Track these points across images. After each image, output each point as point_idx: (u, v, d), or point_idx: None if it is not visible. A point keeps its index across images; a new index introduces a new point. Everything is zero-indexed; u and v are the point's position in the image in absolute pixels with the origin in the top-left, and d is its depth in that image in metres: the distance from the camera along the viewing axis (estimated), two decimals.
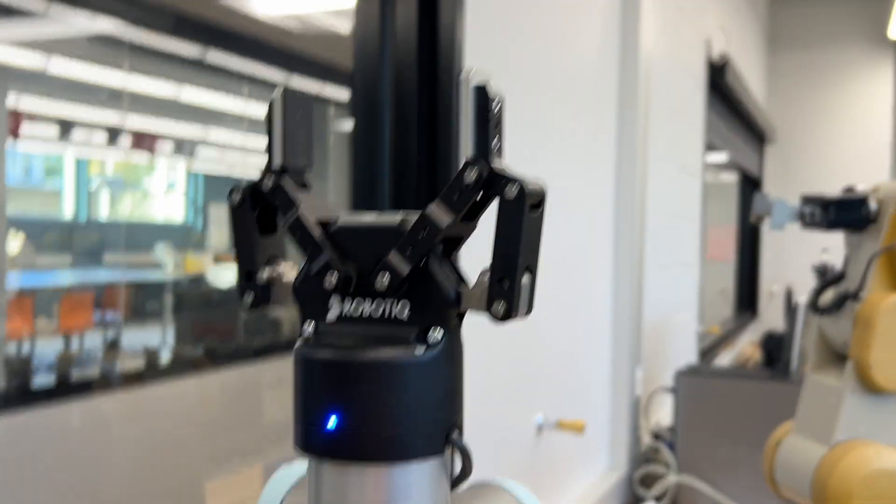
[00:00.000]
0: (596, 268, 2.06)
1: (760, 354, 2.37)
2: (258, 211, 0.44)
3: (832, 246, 2.70)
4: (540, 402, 1.66)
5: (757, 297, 5.55)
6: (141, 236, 5.43)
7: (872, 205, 1.20)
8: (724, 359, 3.90)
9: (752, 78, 4.76)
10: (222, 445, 2.77)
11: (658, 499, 2.10)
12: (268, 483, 0.50)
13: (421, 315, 0.40)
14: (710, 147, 3.79)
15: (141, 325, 4.16)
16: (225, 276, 4.79)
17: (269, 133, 0.43)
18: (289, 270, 0.45)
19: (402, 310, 0.41)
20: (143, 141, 4.10)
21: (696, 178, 3.23)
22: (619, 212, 2.16)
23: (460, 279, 0.42)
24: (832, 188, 1.25)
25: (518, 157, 1.54)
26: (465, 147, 0.39)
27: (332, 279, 0.41)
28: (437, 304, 0.40)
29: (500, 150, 0.40)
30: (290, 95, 0.43)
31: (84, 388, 2.51)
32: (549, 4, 1.76)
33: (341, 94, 4.01)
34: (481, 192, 0.39)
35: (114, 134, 4.28)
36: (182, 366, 3.05)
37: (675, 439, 2.12)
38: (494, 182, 0.39)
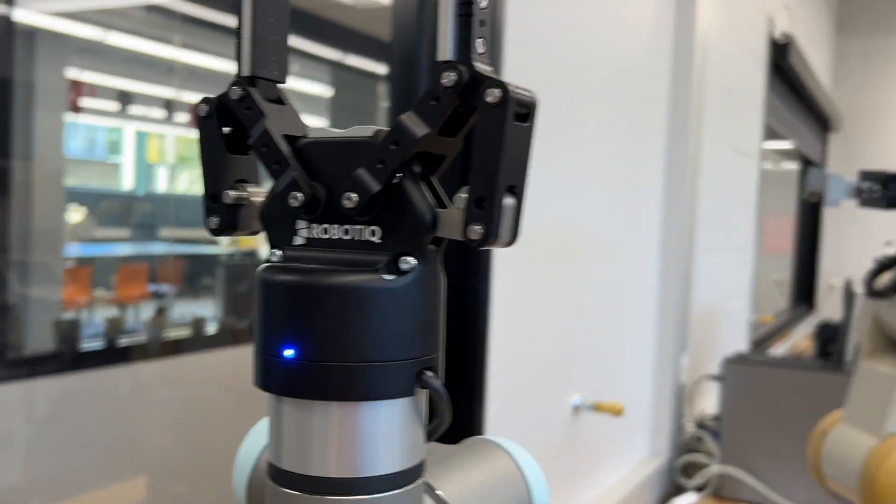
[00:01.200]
0: (643, 248, 2.00)
1: (814, 345, 2.28)
2: (231, 128, 0.40)
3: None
4: (578, 383, 1.62)
5: (815, 289, 5.37)
6: (197, 211, 5.52)
7: None
8: (778, 351, 3.78)
9: (817, 62, 4.58)
10: (261, 410, 2.79)
11: (700, 489, 2.04)
12: (247, 435, 0.47)
13: (393, 240, 0.37)
14: (771, 134, 3.66)
15: (194, 298, 4.23)
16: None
17: (238, 38, 0.39)
18: (258, 194, 0.41)
19: (372, 234, 0.37)
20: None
21: (754, 161, 3.13)
22: (670, 192, 2.09)
23: (439, 202, 0.37)
24: None
25: (564, 135, 1.50)
26: (442, 46, 0.34)
27: (297, 199, 0.37)
28: (411, 227, 0.36)
29: (486, 55, 0.35)
30: None
31: (136, 353, 2.56)
32: None
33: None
34: (460, 102, 0.35)
35: (171, 108, 4.35)
36: (229, 336, 3.09)
37: (720, 428, 2.06)
38: (475, 86, 0.34)
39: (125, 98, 4.55)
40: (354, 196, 0.36)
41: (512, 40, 1.30)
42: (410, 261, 0.36)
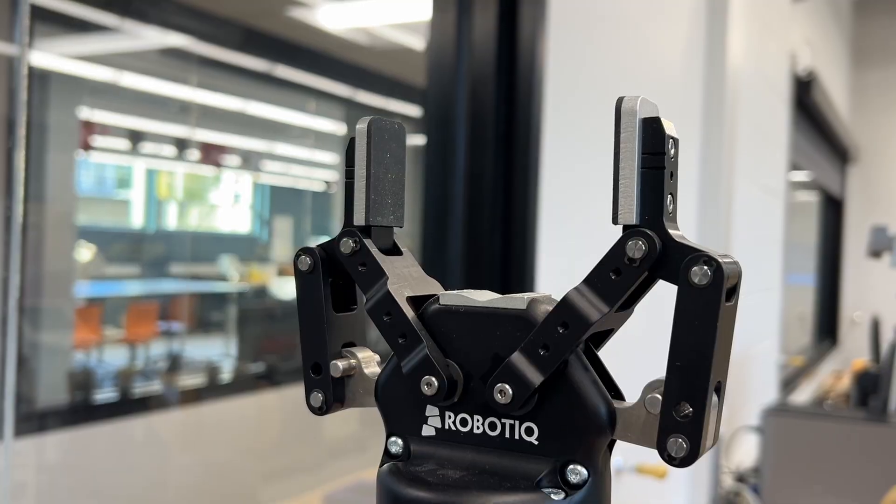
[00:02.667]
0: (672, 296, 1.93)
1: (850, 388, 2.20)
2: (333, 281, 0.34)
3: None
4: (617, 443, 1.54)
5: (837, 324, 5.28)
6: (207, 247, 5.49)
7: None
8: (805, 391, 3.69)
9: (836, 95, 4.54)
10: (280, 462, 2.72)
11: None
12: None
13: (556, 442, 0.29)
14: (793, 166, 3.61)
15: (205, 336, 4.17)
16: (289, 288, 4.79)
17: (349, 178, 0.33)
18: (370, 361, 0.34)
19: (528, 433, 0.30)
20: (211, 153, 4.13)
21: (780, 199, 3.06)
22: (703, 232, 2.03)
23: (613, 392, 0.30)
24: None
25: (596, 178, 1.44)
26: (626, 207, 0.28)
27: (432, 385, 0.30)
28: (581, 428, 0.29)
29: (674, 214, 0.28)
30: (377, 128, 0.32)
31: (145, 403, 2.49)
32: (634, 16, 1.65)
33: (407, 109, 3.98)
34: (648, 274, 0.28)
35: (182, 146, 4.34)
36: (244, 383, 3.02)
37: (761, 482, 1.97)
38: (669, 258, 0.28)
39: (136, 136, 4.55)
40: (509, 389, 0.29)
41: (552, 79, 1.25)
42: (581, 471, 0.29)
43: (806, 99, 3.29)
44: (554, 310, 0.29)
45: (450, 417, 0.31)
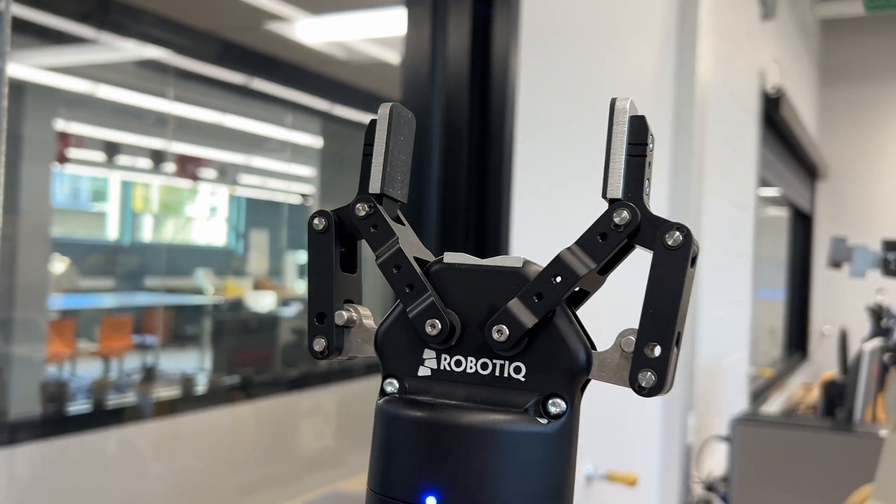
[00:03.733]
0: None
1: (819, 401, 2.24)
2: (341, 244, 0.38)
3: (888, 286, 2.57)
4: (589, 450, 1.57)
5: (807, 337, 5.36)
6: (182, 260, 5.46)
7: None
8: (776, 402, 3.75)
9: (804, 112, 4.63)
10: (255, 476, 2.71)
11: None
12: None
13: (541, 380, 0.33)
14: (762, 182, 3.68)
15: (180, 349, 4.14)
16: (264, 301, 4.77)
17: (369, 153, 0.37)
18: (368, 317, 0.38)
19: (516, 371, 0.34)
20: (187, 166, 4.13)
21: (750, 213, 3.12)
22: None
23: (589, 341, 0.34)
24: (886, 227, 1.15)
25: (567, 191, 1.47)
26: (614, 184, 0.33)
27: (435, 326, 0.34)
28: (564, 368, 0.33)
29: (649, 196, 0.34)
30: (397, 112, 0.37)
31: (119, 415, 2.48)
32: (605, 33, 1.70)
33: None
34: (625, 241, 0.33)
35: (158, 159, 4.33)
36: (218, 395, 3.01)
37: (729, 491, 2.00)
38: (647, 228, 0.33)
39: (112, 149, 4.53)
40: (505, 329, 0.33)
41: (524, 91, 1.28)
42: (561, 404, 0.33)
43: (775, 115, 3.37)
44: (550, 263, 0.33)
45: (445, 359, 0.35)
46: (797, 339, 5.30)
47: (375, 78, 3.77)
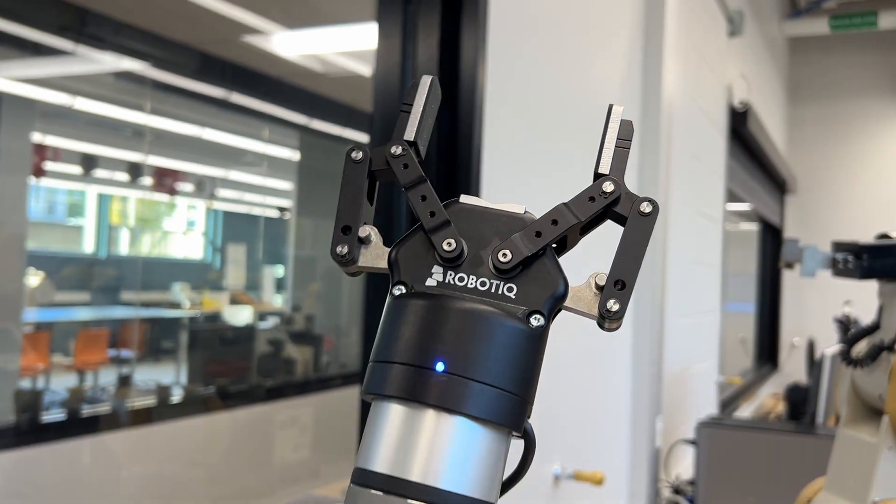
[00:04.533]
0: None
1: (784, 406, 2.30)
2: (369, 175, 0.46)
3: (855, 298, 2.64)
4: (557, 451, 1.61)
5: (778, 348, 5.45)
6: (159, 274, 5.42)
7: None
8: (745, 411, 3.81)
9: (772, 127, 4.74)
10: (231, 487, 2.72)
11: None
12: None
13: (526, 299, 0.41)
14: (731, 196, 3.76)
15: (155, 363, 4.12)
16: (241, 315, 4.76)
17: (406, 110, 0.45)
18: (380, 240, 0.45)
19: (508, 290, 0.42)
20: (164, 179, 4.13)
21: (718, 225, 3.19)
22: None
23: (566, 278, 0.43)
24: (853, 238, 1.21)
25: (530, 195, 1.52)
26: (605, 164, 0.43)
27: (452, 245, 0.42)
28: (547, 293, 0.42)
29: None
30: (434, 84, 0.46)
31: (93, 424, 2.48)
32: (571, 48, 1.75)
33: (360, 137, 4.04)
34: (606, 207, 0.43)
35: (136, 172, 4.33)
36: (193, 405, 3.02)
37: (696, 493, 2.05)
38: (624, 200, 0.43)
39: (89, 161, 4.51)
40: (509, 254, 0.41)
41: (491, 103, 1.33)
42: (541, 319, 0.41)
43: (742, 130, 3.45)
44: (550, 211, 0.42)
45: (450, 275, 0.42)
46: (768, 351, 5.38)
47: (351, 91, 3.81)
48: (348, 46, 3.37)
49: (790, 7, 5.59)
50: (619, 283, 0.42)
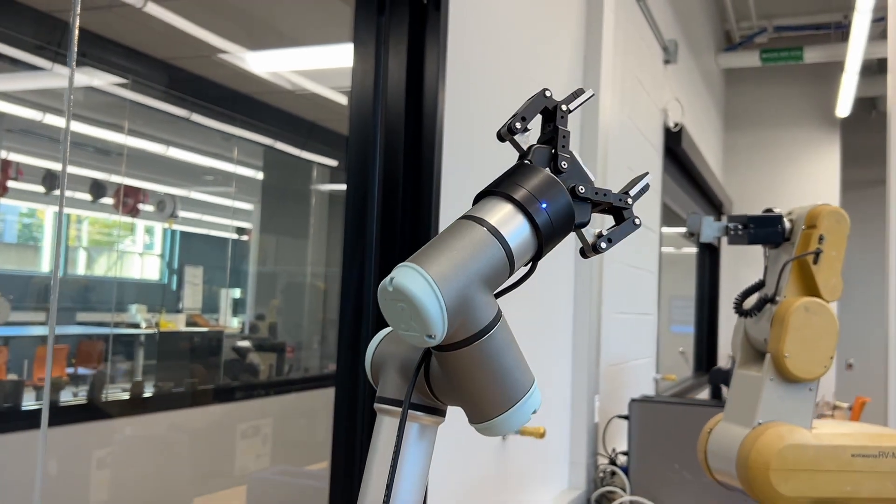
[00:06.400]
0: (557, 302, 2.25)
1: (708, 385, 2.55)
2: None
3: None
4: None
5: (716, 358, 5.76)
6: (116, 294, 5.49)
7: (787, 223, 1.43)
8: None
9: (708, 152, 5.09)
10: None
11: None
12: (372, 340, 0.70)
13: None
14: (675, 219, 4.05)
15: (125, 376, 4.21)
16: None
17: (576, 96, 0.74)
18: None
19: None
20: (127, 199, 4.22)
21: (655, 236, 3.47)
22: (578, 262, 2.37)
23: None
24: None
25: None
26: (633, 191, 0.71)
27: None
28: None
29: None
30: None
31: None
32: (518, 71, 1.99)
33: (323, 156, 4.23)
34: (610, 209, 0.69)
35: (95, 190, 4.38)
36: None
37: (629, 462, 2.28)
38: (625, 211, 0.70)
39: (49, 179, 4.57)
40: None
41: (449, 116, 1.56)
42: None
43: (676, 149, 3.75)
44: (619, 192, 0.72)
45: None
46: (706, 360, 5.69)
47: (315, 109, 3.99)
48: (310, 66, 3.56)
49: (725, 41, 6.00)
50: (608, 239, 0.68)
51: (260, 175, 4.81)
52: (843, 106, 5.61)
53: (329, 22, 3.14)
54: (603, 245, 0.67)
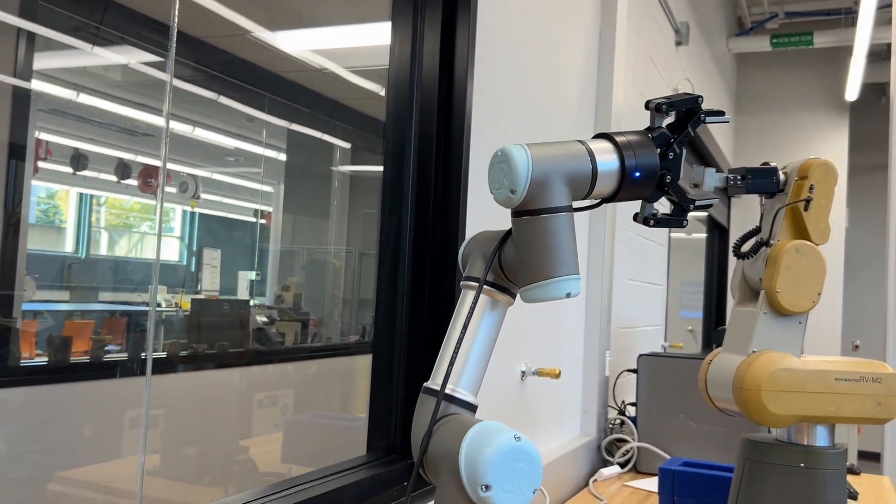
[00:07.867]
0: None
1: (714, 346, 2.70)
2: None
3: None
4: (525, 356, 1.98)
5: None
6: (137, 275, 5.64)
7: (781, 175, 1.57)
8: None
9: (719, 135, 5.21)
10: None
11: (622, 464, 2.40)
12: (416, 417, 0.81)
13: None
14: None
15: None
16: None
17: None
18: None
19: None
20: (150, 180, 4.35)
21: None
22: (592, 236, 2.52)
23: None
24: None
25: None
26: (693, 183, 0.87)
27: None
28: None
29: None
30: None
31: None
32: (538, 53, 2.14)
33: (346, 136, 4.34)
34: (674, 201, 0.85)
35: (119, 171, 4.50)
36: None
37: (638, 412, 2.44)
38: (685, 212, 0.85)
39: (77, 160, 4.67)
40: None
41: (478, 99, 1.71)
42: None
43: None
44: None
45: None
46: (715, 340, 5.83)
47: (339, 90, 4.10)
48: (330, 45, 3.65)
49: (737, 26, 6.11)
50: (658, 221, 0.86)
51: (282, 156, 4.92)
52: (852, 90, 5.72)
53: (355, 2, 3.25)
54: (651, 223, 0.85)
